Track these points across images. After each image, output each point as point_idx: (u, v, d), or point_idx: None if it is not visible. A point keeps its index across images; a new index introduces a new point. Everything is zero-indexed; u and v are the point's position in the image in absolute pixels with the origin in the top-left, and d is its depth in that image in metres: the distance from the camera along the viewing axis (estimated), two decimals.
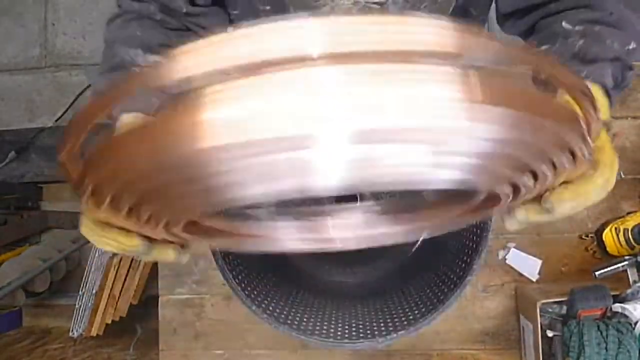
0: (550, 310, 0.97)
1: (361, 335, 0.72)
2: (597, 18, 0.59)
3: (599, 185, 0.43)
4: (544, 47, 0.61)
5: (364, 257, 0.94)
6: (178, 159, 0.27)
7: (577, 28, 0.59)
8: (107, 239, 0.45)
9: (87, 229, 0.45)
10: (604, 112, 0.52)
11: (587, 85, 0.34)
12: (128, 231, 0.44)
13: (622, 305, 0.91)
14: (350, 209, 0.49)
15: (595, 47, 0.57)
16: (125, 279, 1.81)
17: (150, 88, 0.28)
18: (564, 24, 0.60)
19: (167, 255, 0.48)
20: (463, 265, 0.77)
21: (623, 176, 1.09)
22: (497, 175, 0.34)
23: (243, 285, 0.74)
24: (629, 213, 1.04)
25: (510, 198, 0.39)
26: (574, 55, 0.58)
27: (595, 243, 1.06)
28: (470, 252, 0.77)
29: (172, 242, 0.47)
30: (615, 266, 0.96)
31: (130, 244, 0.45)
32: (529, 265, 1.07)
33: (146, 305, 1.88)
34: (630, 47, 0.59)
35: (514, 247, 1.07)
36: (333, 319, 0.81)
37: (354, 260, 0.94)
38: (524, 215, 0.45)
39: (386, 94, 0.26)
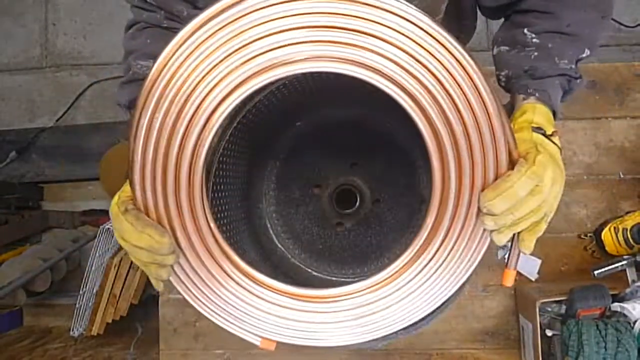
0: (549, 309, 0.97)
1: None
2: (555, 28, 0.69)
3: (517, 179, 0.51)
4: (503, 48, 0.73)
5: (363, 257, 0.94)
6: None
7: (535, 40, 0.69)
8: (145, 234, 0.54)
9: (127, 226, 0.54)
10: (541, 121, 0.64)
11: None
12: (162, 231, 0.54)
13: (621, 304, 0.91)
14: None
15: (544, 63, 0.68)
16: (125, 279, 1.81)
17: None
18: (526, 31, 0.70)
19: (166, 269, 0.56)
20: None
21: (622, 176, 1.09)
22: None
23: None
24: (627, 213, 1.04)
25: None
26: (525, 71, 0.69)
27: (594, 243, 1.07)
28: None
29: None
30: (614, 265, 0.96)
31: (160, 241, 0.54)
32: (528, 265, 1.07)
33: (146, 304, 1.88)
34: (584, 55, 0.70)
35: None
36: None
37: (352, 260, 0.94)
38: (490, 221, 0.53)
39: None
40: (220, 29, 0.51)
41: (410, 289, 0.55)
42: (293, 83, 0.76)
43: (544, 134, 0.62)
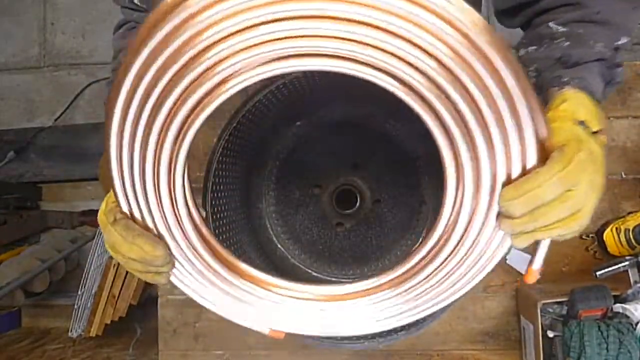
0: (550, 310, 0.97)
1: (361, 335, 0.71)
2: (583, 17, 0.60)
3: (547, 179, 0.43)
4: (531, 49, 0.63)
5: (363, 257, 0.94)
6: None
7: (562, 30, 0.60)
8: (136, 246, 0.49)
9: (117, 237, 0.50)
10: (586, 114, 0.53)
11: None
12: (154, 242, 0.50)
13: (623, 305, 0.91)
14: None
15: (578, 49, 0.59)
16: (124, 279, 1.81)
17: None
18: (551, 24, 0.61)
19: (163, 276, 0.53)
20: None
21: (624, 176, 1.09)
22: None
23: None
24: (629, 213, 1.04)
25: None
26: (557, 59, 0.59)
27: (596, 243, 1.06)
28: None
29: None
30: (616, 266, 0.95)
31: (154, 254, 0.49)
32: (523, 260, 1.06)
33: (145, 305, 1.88)
34: (620, 42, 0.60)
35: (515, 247, 1.07)
36: None
37: (352, 261, 0.94)
38: (508, 225, 0.46)
39: None
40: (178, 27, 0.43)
41: (418, 290, 0.53)
42: (293, 83, 0.75)
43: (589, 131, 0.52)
